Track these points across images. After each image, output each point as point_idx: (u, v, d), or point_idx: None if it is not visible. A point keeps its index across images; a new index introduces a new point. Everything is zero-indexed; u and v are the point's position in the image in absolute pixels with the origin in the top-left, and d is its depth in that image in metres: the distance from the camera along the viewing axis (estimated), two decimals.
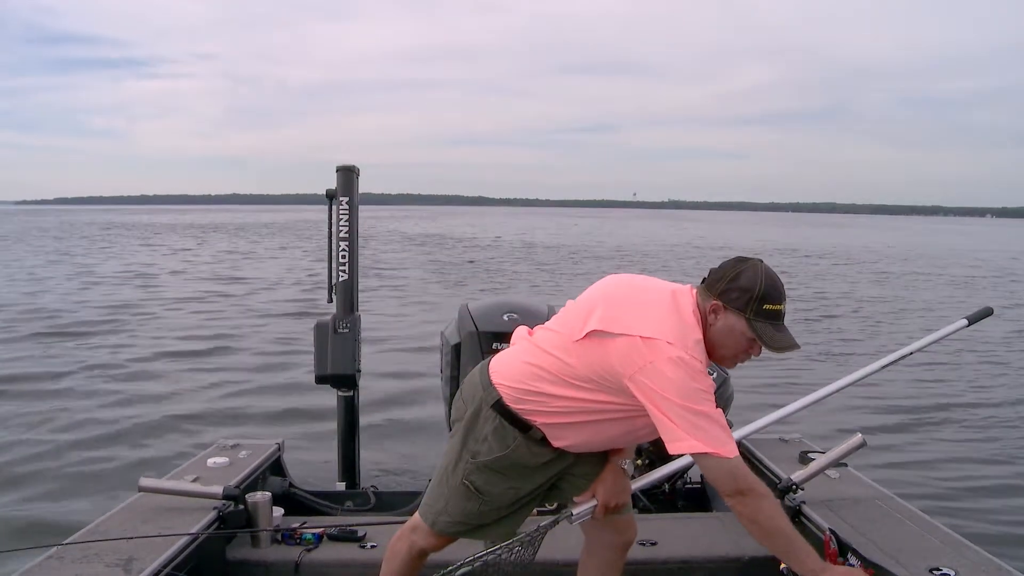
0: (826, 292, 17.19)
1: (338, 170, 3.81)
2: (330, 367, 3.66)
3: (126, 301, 14.30)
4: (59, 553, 2.35)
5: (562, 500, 2.13)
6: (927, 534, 2.52)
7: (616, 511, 2.05)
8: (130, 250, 30.33)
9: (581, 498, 2.03)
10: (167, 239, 38.93)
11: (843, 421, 6.44)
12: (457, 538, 2.10)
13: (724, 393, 3.41)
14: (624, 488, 2.05)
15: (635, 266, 24.33)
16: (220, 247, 33.09)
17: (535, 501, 2.10)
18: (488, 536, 2.05)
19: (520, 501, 2.05)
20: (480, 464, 1.96)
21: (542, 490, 2.07)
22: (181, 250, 30.34)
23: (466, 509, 2.02)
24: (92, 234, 43.44)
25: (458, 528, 2.06)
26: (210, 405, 7.03)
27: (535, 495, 2.07)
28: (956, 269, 25.16)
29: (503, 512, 2.04)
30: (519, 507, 2.06)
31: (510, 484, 2.00)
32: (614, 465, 2.05)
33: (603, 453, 2.07)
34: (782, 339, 1.78)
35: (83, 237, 40.08)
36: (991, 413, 7.15)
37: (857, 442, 2.88)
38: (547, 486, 2.08)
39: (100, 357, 9.11)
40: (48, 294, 15.32)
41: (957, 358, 9.79)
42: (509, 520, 2.06)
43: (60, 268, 21.53)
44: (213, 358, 9.20)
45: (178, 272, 20.83)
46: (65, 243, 34.71)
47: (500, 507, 2.03)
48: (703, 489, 3.54)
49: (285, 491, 3.41)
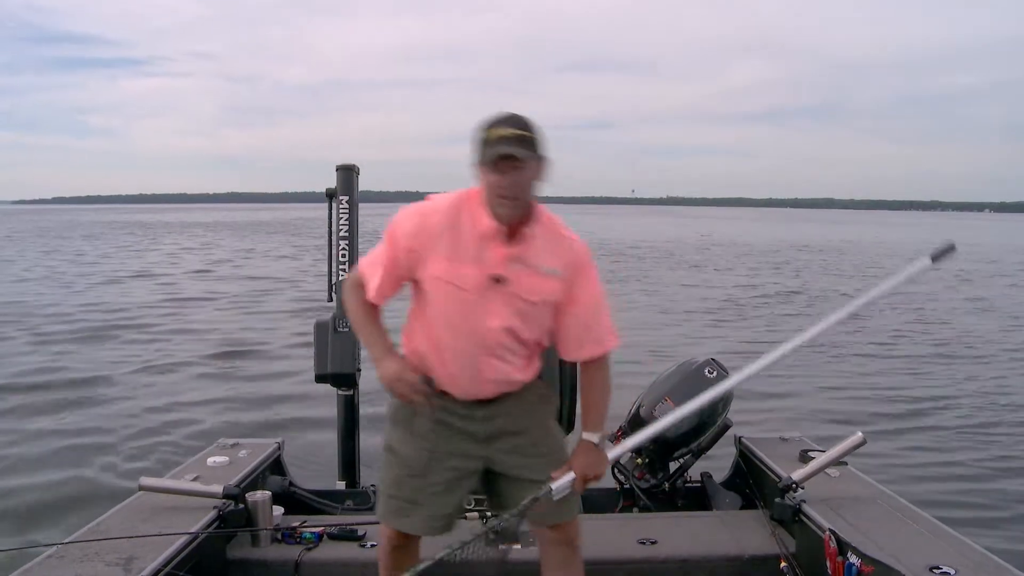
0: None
1: (338, 169, 3.81)
2: (330, 366, 3.66)
3: (126, 301, 14.30)
4: (59, 552, 2.35)
5: (504, 501, 2.10)
6: (927, 533, 2.52)
7: (596, 481, 2.03)
8: (130, 250, 30.32)
9: (558, 473, 2.01)
10: (167, 238, 38.94)
11: (843, 419, 6.46)
12: (403, 529, 2.11)
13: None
14: (600, 460, 2.03)
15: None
16: (220, 246, 33.09)
17: (464, 480, 2.08)
18: (420, 517, 2.06)
19: (440, 471, 2.05)
20: (389, 421, 2.09)
21: (466, 466, 2.06)
22: (179, 250, 30.34)
23: (388, 479, 2.11)
24: (94, 233, 43.43)
25: (391, 507, 2.10)
26: (210, 404, 7.03)
27: (459, 470, 2.06)
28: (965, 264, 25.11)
29: (427, 486, 2.05)
30: (443, 482, 2.05)
31: (420, 444, 2.05)
32: (587, 441, 2.03)
33: (521, 433, 2.06)
34: (495, 148, 1.77)
35: (85, 236, 40.09)
36: (992, 412, 7.15)
37: (857, 440, 2.89)
38: (472, 464, 2.06)
39: (99, 356, 9.11)
40: (46, 294, 15.32)
41: (958, 357, 9.80)
42: (438, 499, 2.06)
43: (59, 268, 21.52)
44: (212, 357, 9.20)
45: (176, 272, 20.82)
46: (67, 242, 34.70)
47: (418, 473, 2.05)
48: (703, 488, 3.54)
49: (285, 490, 3.41)
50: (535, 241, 1.90)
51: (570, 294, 1.96)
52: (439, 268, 1.90)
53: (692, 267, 23.35)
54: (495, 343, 1.94)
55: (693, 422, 3.30)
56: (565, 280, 1.94)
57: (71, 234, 42.99)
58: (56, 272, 20.06)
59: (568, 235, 1.98)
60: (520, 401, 2.07)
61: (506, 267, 1.89)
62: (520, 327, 1.94)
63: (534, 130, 1.82)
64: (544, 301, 1.94)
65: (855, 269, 23.73)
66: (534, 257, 1.90)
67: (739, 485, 3.50)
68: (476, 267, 1.88)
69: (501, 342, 1.95)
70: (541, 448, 2.10)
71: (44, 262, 23.44)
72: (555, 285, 1.93)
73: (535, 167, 1.83)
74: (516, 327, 1.94)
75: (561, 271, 1.93)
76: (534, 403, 2.12)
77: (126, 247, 31.70)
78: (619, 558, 2.72)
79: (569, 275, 1.94)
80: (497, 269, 1.89)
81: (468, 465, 2.07)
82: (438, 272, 1.90)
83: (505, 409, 2.06)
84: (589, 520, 3.12)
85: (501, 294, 1.90)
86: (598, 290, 2.02)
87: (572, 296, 1.96)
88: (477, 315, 1.91)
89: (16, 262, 23.51)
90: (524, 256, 1.90)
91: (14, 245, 32.77)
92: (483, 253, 1.89)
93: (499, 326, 1.92)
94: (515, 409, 2.07)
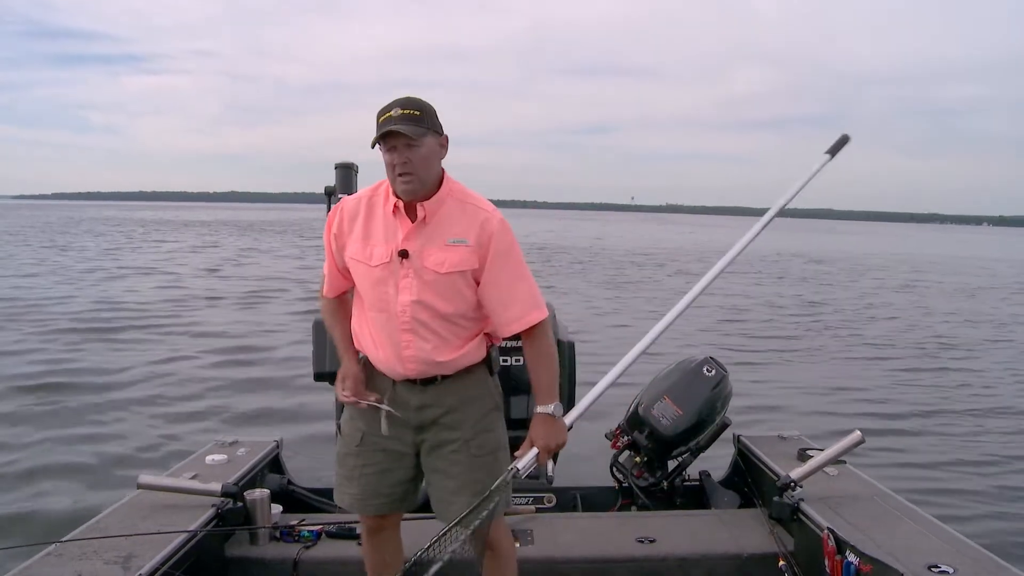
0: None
1: (337, 167, 3.81)
2: (328, 365, 3.65)
3: (125, 298, 14.28)
4: (58, 550, 2.35)
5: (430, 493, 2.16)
6: (926, 531, 2.52)
7: (557, 449, 2.05)
8: (130, 248, 30.29)
9: (520, 451, 2.03)
10: (166, 235, 38.90)
11: (842, 418, 6.46)
12: (339, 504, 2.20)
13: (723, 390, 3.41)
14: (559, 429, 2.04)
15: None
16: (224, 244, 33.07)
17: (397, 464, 2.11)
18: (353, 493, 2.15)
19: (373, 451, 2.11)
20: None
21: (397, 449, 2.10)
22: (177, 250, 30.31)
23: (336, 456, 2.20)
24: (95, 229, 43.38)
25: (335, 482, 2.20)
26: (208, 402, 7.02)
27: (389, 452, 2.10)
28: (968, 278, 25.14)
29: (360, 464, 2.13)
30: (375, 463, 2.11)
31: (356, 424, 2.14)
32: (541, 413, 2.05)
33: (451, 427, 2.07)
34: (381, 129, 1.87)
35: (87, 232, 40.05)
36: (990, 411, 7.16)
37: (856, 439, 2.89)
38: (402, 448, 2.09)
39: (98, 353, 9.10)
40: (47, 289, 15.30)
41: (958, 358, 9.81)
42: (371, 479, 2.12)
43: (59, 266, 21.50)
44: (211, 356, 9.18)
45: (179, 271, 20.80)
46: (72, 238, 34.67)
47: (352, 452, 2.14)
48: (701, 486, 3.54)
49: (284, 488, 3.41)
50: (440, 214, 1.97)
51: (484, 265, 1.98)
52: (354, 249, 2.02)
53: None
54: (410, 318, 1.99)
55: (692, 420, 3.31)
56: (475, 250, 1.97)
57: (75, 229, 42.94)
58: (61, 268, 20.01)
59: (480, 206, 2.01)
60: (457, 395, 2.07)
61: (411, 241, 1.96)
62: (434, 300, 1.97)
63: (422, 108, 1.90)
64: (454, 272, 1.97)
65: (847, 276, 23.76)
66: (440, 229, 1.97)
67: (738, 484, 3.50)
68: (385, 244, 1.98)
69: (416, 317, 1.98)
70: (471, 448, 2.07)
71: (51, 258, 23.39)
72: (462, 254, 1.96)
73: (426, 143, 1.90)
74: (429, 300, 1.97)
75: (469, 241, 1.96)
76: (472, 398, 2.10)
77: (125, 245, 31.67)
78: (618, 556, 2.72)
79: (480, 245, 1.97)
80: (402, 244, 1.96)
81: (399, 448, 2.11)
82: (353, 253, 2.03)
83: (439, 400, 2.06)
84: (588, 519, 3.12)
85: (410, 268, 1.97)
86: (515, 261, 2.03)
87: (487, 267, 1.98)
88: (389, 291, 1.99)
89: (17, 256, 23.50)
90: (429, 229, 1.96)
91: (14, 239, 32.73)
92: (392, 231, 1.98)
93: (409, 300, 1.97)
94: (449, 401, 2.07)
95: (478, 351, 2.09)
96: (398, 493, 2.15)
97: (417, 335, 2.00)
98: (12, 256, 23.89)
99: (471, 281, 1.99)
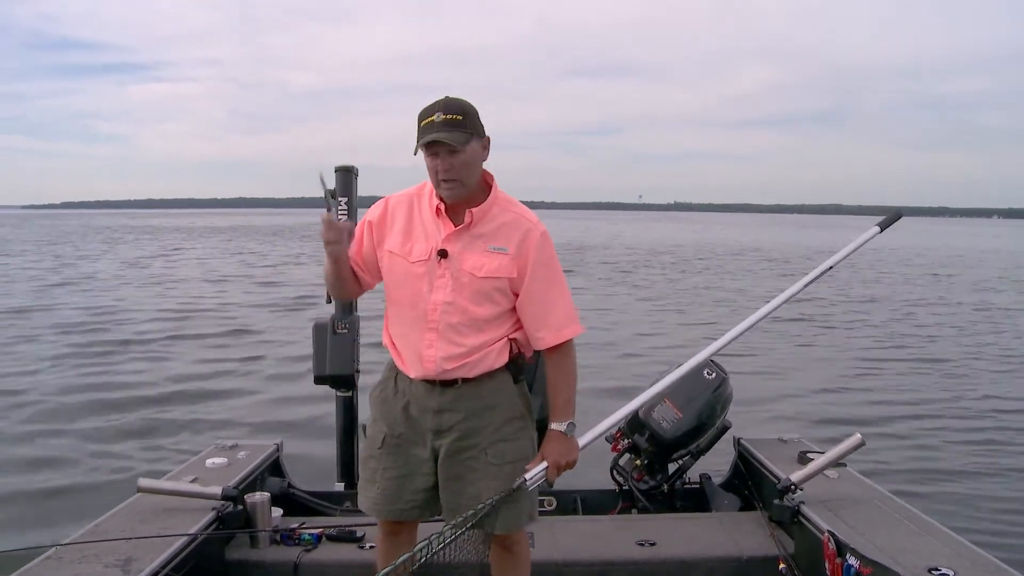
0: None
1: (337, 170, 3.81)
2: (329, 367, 3.66)
3: (122, 304, 14.29)
4: (58, 553, 2.35)
5: (456, 506, 2.06)
6: (926, 534, 2.52)
7: (568, 468, 2.06)
8: (132, 251, 30.30)
9: (532, 464, 2.03)
10: (165, 240, 38.92)
11: (842, 421, 6.46)
12: (361, 507, 2.18)
13: (723, 393, 3.40)
14: (571, 447, 2.05)
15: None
16: (222, 248, 33.07)
17: (419, 470, 2.08)
18: (374, 496, 2.12)
19: (396, 454, 2.09)
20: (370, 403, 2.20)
21: (418, 454, 2.08)
22: (174, 251, 30.31)
23: (360, 460, 2.22)
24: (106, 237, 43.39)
25: (360, 485, 2.19)
26: (209, 405, 7.03)
27: (411, 457, 2.08)
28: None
29: (382, 467, 2.11)
30: (396, 466, 2.09)
31: (380, 426, 2.13)
32: (554, 430, 2.06)
33: (469, 435, 2.05)
34: (424, 135, 1.89)
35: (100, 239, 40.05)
36: (991, 414, 7.14)
37: (856, 442, 2.89)
38: (423, 453, 2.07)
39: (98, 357, 9.11)
40: (52, 296, 15.31)
41: (958, 360, 9.80)
42: (392, 483, 2.10)
43: (59, 272, 21.50)
44: (211, 357, 9.19)
45: (174, 272, 20.80)
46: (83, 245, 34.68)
47: (375, 454, 2.13)
48: (702, 489, 3.54)
49: (284, 491, 3.41)
50: (485, 219, 1.98)
51: (523, 275, 1.99)
52: (394, 243, 2.04)
53: (697, 273, 23.35)
54: (438, 317, 1.99)
55: (692, 423, 3.31)
56: (514, 260, 1.98)
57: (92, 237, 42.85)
58: (66, 276, 20.01)
59: (525, 216, 2.02)
60: (476, 401, 2.04)
61: (452, 243, 1.98)
62: (466, 303, 1.98)
63: (464, 111, 1.89)
64: (491, 278, 1.97)
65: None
66: (482, 234, 1.98)
67: (738, 486, 3.50)
68: (425, 242, 2.00)
69: (445, 317, 1.98)
70: (488, 456, 2.04)
71: (55, 264, 23.38)
72: (502, 262, 1.97)
73: (469, 149, 1.90)
74: (461, 303, 1.97)
75: (510, 250, 1.97)
76: (491, 405, 2.06)
77: (122, 249, 31.69)
78: (618, 559, 2.72)
79: (520, 255, 1.98)
80: (443, 244, 1.98)
81: (420, 454, 2.09)
82: (392, 247, 2.04)
83: (457, 404, 2.04)
84: (588, 521, 3.13)
85: (447, 269, 1.98)
86: (554, 274, 2.04)
87: (526, 279, 1.99)
88: (423, 288, 2.00)
89: (24, 264, 23.49)
90: (472, 233, 1.98)
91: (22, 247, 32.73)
92: (434, 230, 2.00)
93: (442, 300, 1.98)
94: (468, 407, 2.04)
95: (500, 356, 2.06)
96: (419, 501, 2.12)
97: (441, 335, 2.00)
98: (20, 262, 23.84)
99: (506, 289, 1.99)
